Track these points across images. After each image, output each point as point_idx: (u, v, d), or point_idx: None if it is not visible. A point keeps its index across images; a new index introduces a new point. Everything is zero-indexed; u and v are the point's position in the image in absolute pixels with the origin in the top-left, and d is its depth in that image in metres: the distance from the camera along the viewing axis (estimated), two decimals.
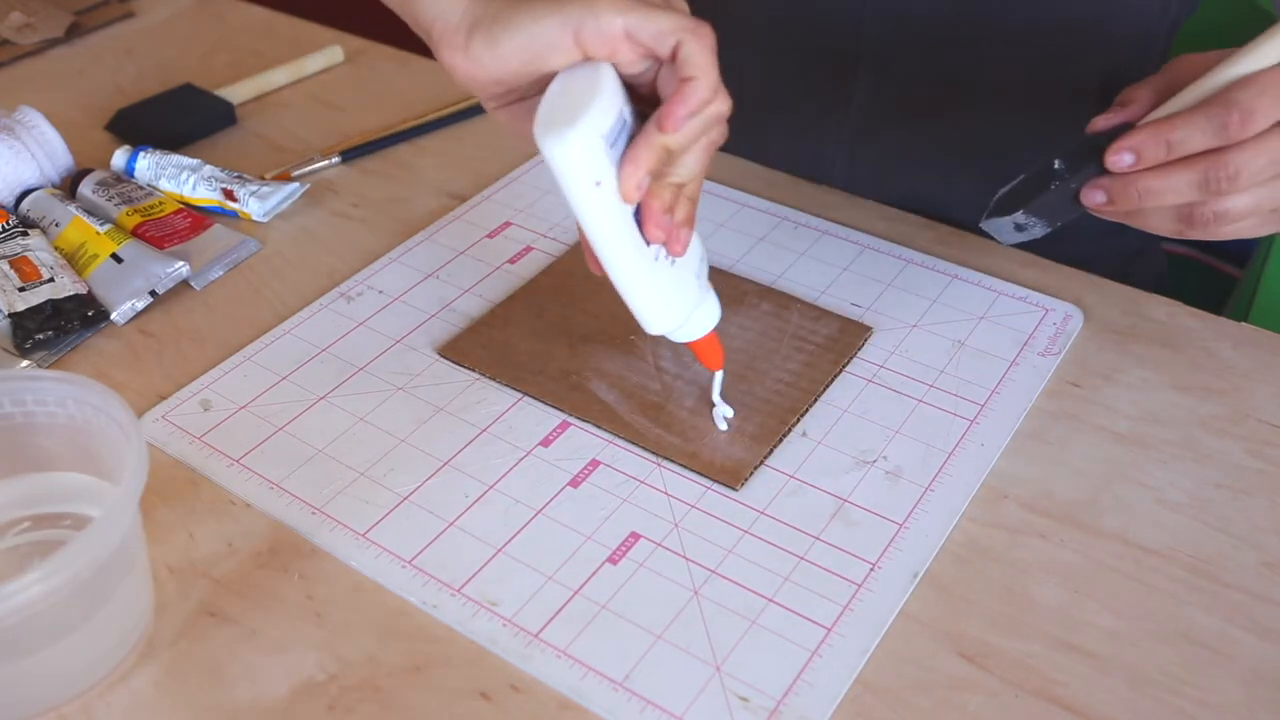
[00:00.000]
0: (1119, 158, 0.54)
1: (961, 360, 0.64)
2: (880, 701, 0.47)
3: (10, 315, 0.66)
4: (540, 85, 0.49)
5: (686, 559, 0.53)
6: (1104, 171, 0.55)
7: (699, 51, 0.48)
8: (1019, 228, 0.58)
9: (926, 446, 0.58)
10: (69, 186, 0.79)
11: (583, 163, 0.46)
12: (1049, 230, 0.58)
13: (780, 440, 0.59)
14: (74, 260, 0.71)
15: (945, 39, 0.75)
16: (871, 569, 0.52)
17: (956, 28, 0.74)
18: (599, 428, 0.60)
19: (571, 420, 0.60)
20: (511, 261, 0.72)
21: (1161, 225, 0.55)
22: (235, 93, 0.91)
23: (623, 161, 0.47)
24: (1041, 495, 0.56)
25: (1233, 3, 0.89)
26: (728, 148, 0.85)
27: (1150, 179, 0.54)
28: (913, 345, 0.65)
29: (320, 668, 0.49)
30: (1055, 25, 0.72)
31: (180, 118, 0.88)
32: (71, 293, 0.68)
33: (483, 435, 0.60)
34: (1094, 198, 0.55)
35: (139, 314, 0.69)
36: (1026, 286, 0.69)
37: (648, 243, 0.50)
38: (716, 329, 0.57)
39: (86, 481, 0.53)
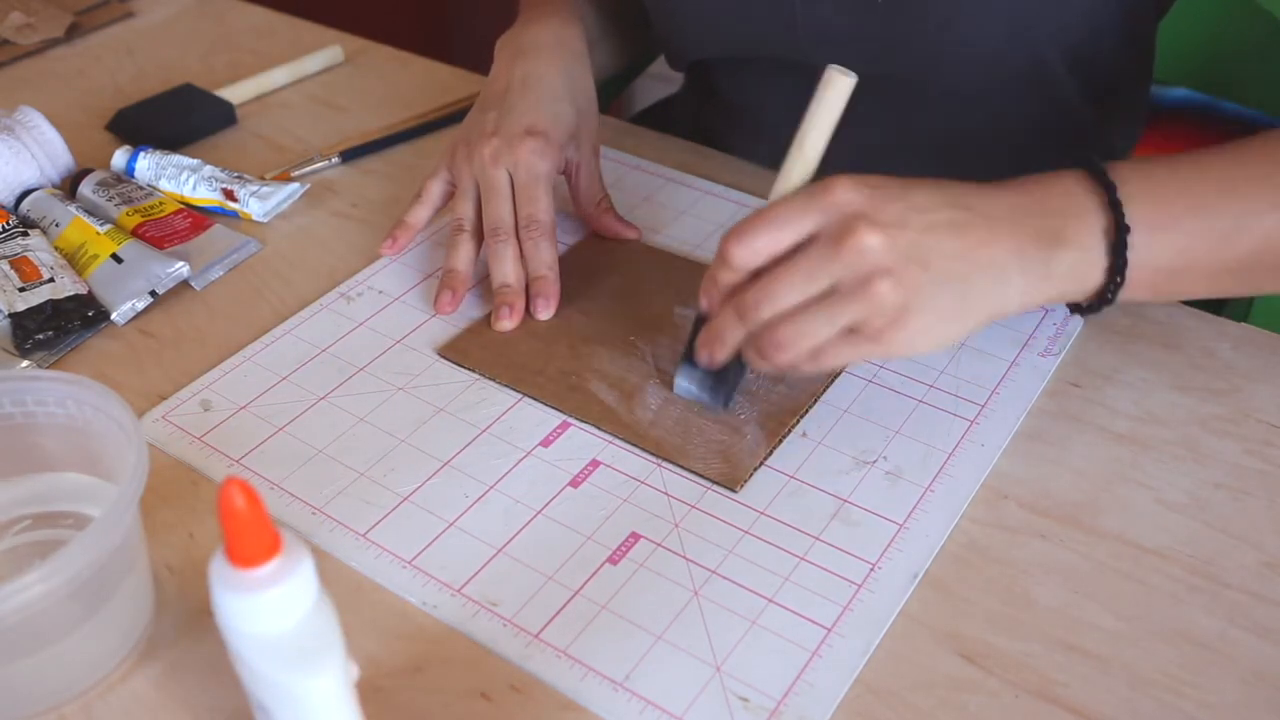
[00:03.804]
0: (701, 302, 0.55)
1: (961, 360, 0.64)
2: (880, 701, 0.47)
3: (10, 315, 0.66)
4: None
5: (686, 559, 0.53)
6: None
7: None
8: (707, 387, 0.59)
9: (926, 447, 0.58)
10: (69, 186, 0.79)
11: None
12: (718, 389, 0.59)
13: (780, 440, 0.59)
14: (74, 260, 0.71)
15: (889, 47, 0.71)
16: (871, 569, 0.52)
17: (898, 36, 0.70)
18: (599, 428, 0.60)
19: (571, 420, 0.60)
20: None
21: (749, 356, 0.54)
22: (235, 93, 0.91)
23: None
24: (1041, 495, 0.56)
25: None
26: (726, 148, 0.86)
27: (716, 322, 0.54)
28: None
29: None
30: (1000, 16, 0.69)
31: (180, 118, 0.88)
32: (71, 293, 0.68)
33: (483, 435, 0.60)
34: (701, 356, 0.56)
35: (139, 314, 0.69)
36: None
37: None
38: None
39: (86, 481, 0.53)
